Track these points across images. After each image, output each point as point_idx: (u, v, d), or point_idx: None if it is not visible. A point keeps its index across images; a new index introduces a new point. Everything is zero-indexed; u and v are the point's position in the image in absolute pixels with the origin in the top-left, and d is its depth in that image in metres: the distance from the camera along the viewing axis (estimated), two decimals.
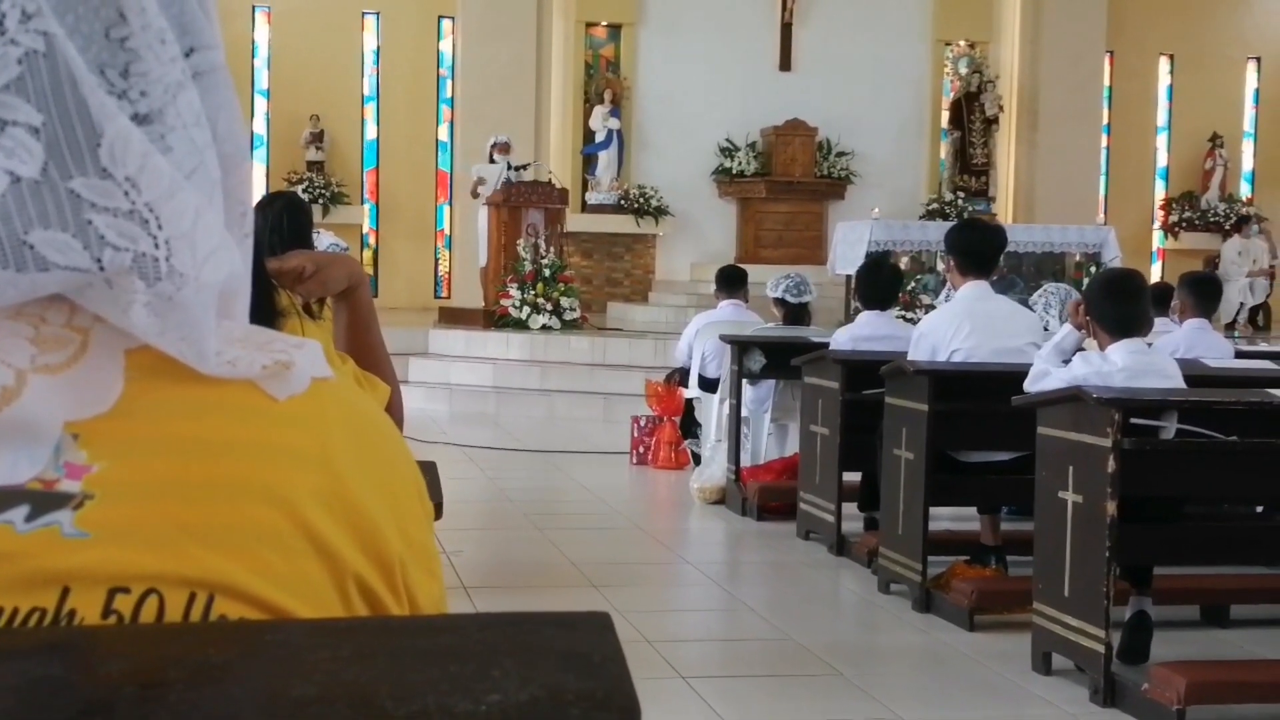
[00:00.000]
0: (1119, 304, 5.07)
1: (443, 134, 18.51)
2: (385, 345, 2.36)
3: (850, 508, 6.83)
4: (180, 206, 0.67)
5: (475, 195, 14.59)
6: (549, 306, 13.67)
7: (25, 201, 0.64)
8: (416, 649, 0.63)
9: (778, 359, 7.84)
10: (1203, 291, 7.46)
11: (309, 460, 0.70)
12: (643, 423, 9.52)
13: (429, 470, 4.23)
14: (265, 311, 0.82)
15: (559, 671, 0.61)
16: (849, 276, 12.70)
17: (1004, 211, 17.97)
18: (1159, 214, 19.88)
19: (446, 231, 18.43)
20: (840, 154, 17.42)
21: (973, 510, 6.38)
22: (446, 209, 18.39)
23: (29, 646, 0.61)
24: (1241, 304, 16.92)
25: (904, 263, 12.87)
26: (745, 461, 8.13)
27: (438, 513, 3.76)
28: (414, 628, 0.68)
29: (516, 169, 14.38)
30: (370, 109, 18.50)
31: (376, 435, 0.75)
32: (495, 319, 13.81)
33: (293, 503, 0.69)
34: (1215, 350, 7.02)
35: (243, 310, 0.73)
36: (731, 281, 9.49)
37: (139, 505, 0.66)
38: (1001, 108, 17.94)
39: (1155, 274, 18.75)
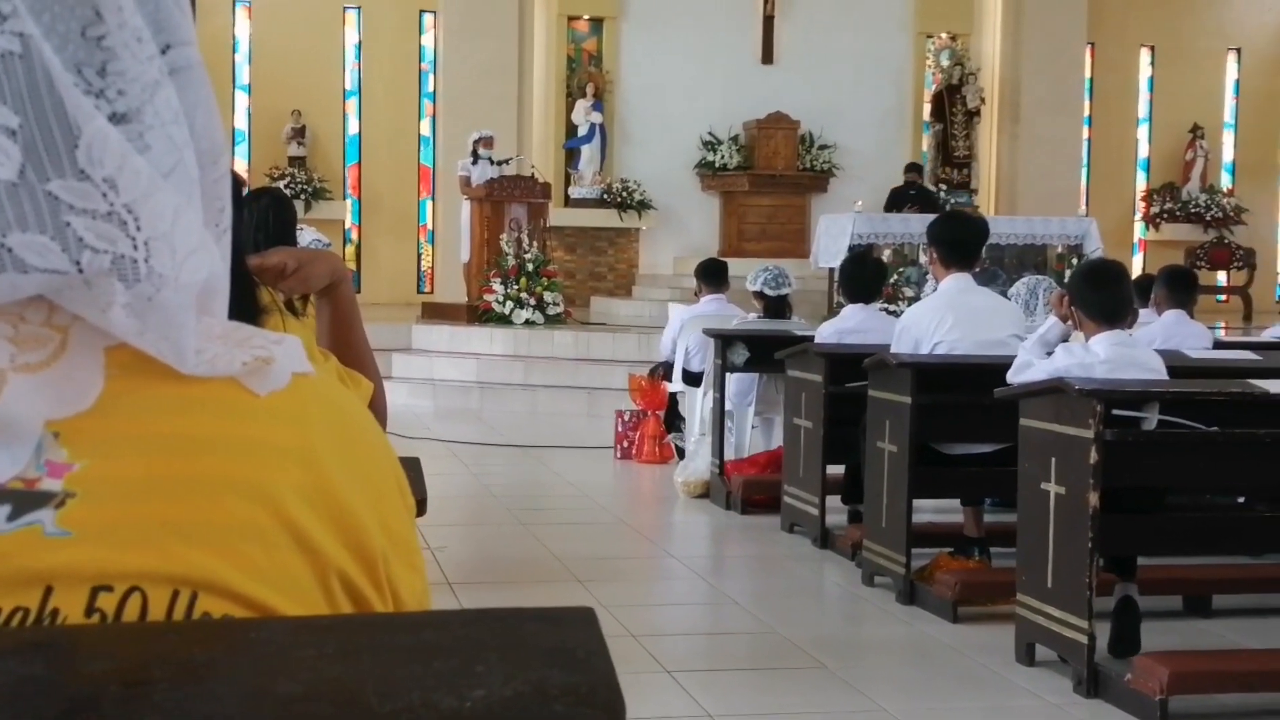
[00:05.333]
0: (1102, 290, 5.09)
1: (425, 129, 18.46)
2: (368, 341, 2.36)
3: (834, 500, 6.84)
4: (159, 207, 0.67)
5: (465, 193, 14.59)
6: (532, 301, 13.65)
7: (3, 204, 0.64)
8: (401, 645, 0.63)
9: (761, 352, 7.84)
10: (1178, 284, 7.53)
11: (291, 455, 0.70)
12: (627, 417, 9.52)
13: (412, 466, 4.23)
14: (247, 309, 0.82)
15: (543, 667, 0.62)
16: (831, 269, 12.71)
17: (986, 203, 18.00)
18: (1140, 205, 19.93)
19: (429, 226, 18.38)
20: (822, 147, 17.43)
21: (956, 502, 6.39)
22: (429, 204, 18.35)
23: (12, 646, 0.61)
24: None
25: (886, 255, 12.89)
26: (729, 455, 8.13)
27: (421, 509, 3.76)
28: (398, 624, 0.68)
29: (499, 163, 14.36)
30: (352, 104, 18.43)
31: (357, 430, 0.75)
32: (478, 314, 13.80)
33: (275, 498, 0.69)
34: (1194, 340, 7.05)
35: (221, 307, 0.73)
36: (712, 276, 9.48)
37: (121, 503, 0.66)
38: (983, 100, 17.97)
39: (1137, 265, 18.79)
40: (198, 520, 0.67)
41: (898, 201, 15.65)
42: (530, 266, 13.79)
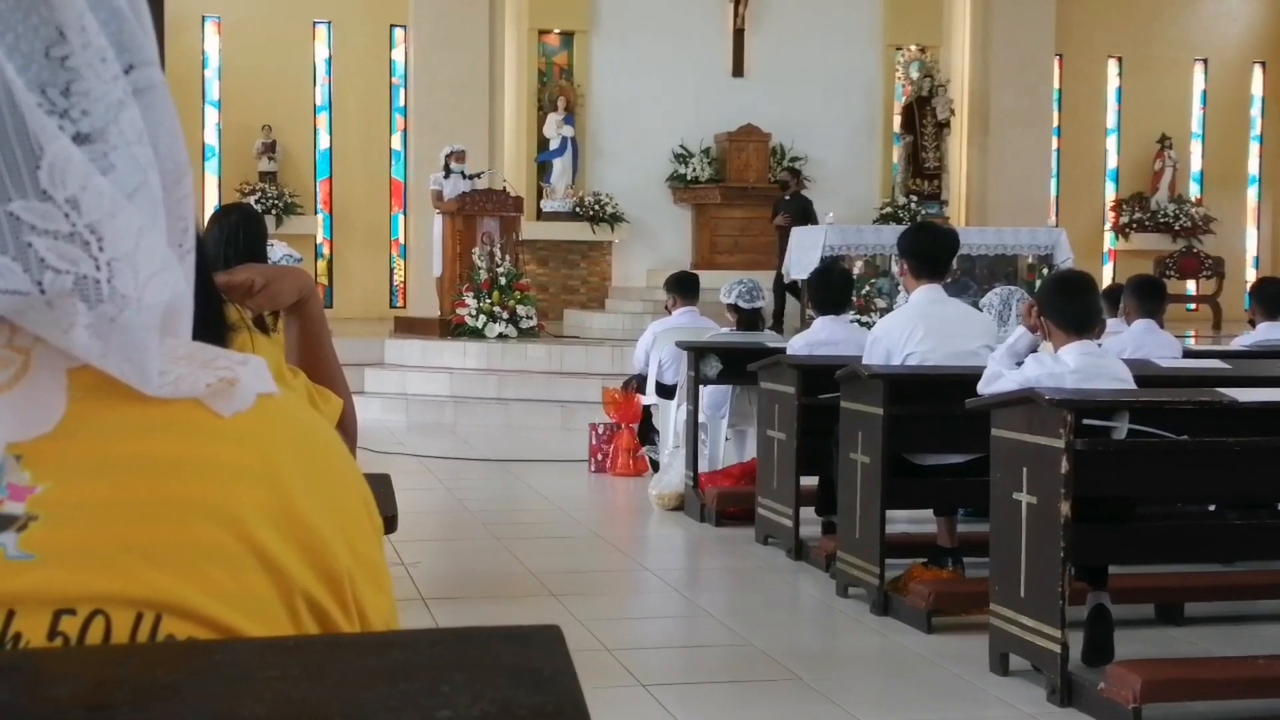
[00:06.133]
0: (1071, 299, 5.12)
1: (396, 143, 18.44)
2: (337, 358, 2.35)
3: (808, 512, 6.85)
4: (122, 227, 0.66)
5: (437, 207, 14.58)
6: (505, 315, 13.64)
7: None
8: (366, 666, 0.63)
9: (734, 364, 7.85)
10: (1147, 294, 7.59)
11: (255, 477, 0.70)
12: (600, 430, 9.51)
13: (382, 483, 4.21)
14: (216, 327, 0.82)
15: (510, 686, 0.61)
16: (803, 281, 12.74)
17: (956, 214, 18.08)
18: (1110, 215, 20.05)
19: (401, 241, 18.35)
20: (794, 159, 17.48)
21: (929, 513, 6.41)
22: (401, 218, 18.32)
23: None
24: None
25: (858, 267, 12.93)
26: (703, 467, 8.14)
27: (391, 526, 3.74)
28: (364, 645, 0.68)
29: (470, 177, 14.36)
30: (323, 119, 18.41)
31: (323, 450, 0.75)
32: (451, 328, 13.78)
33: (240, 520, 0.68)
34: (1164, 349, 7.09)
35: (186, 328, 0.73)
36: (685, 288, 9.50)
37: (84, 526, 0.65)
38: (953, 111, 18.05)
39: (1107, 275, 18.90)
40: (161, 542, 0.66)
41: (776, 209, 15.49)
42: (503, 280, 13.79)
